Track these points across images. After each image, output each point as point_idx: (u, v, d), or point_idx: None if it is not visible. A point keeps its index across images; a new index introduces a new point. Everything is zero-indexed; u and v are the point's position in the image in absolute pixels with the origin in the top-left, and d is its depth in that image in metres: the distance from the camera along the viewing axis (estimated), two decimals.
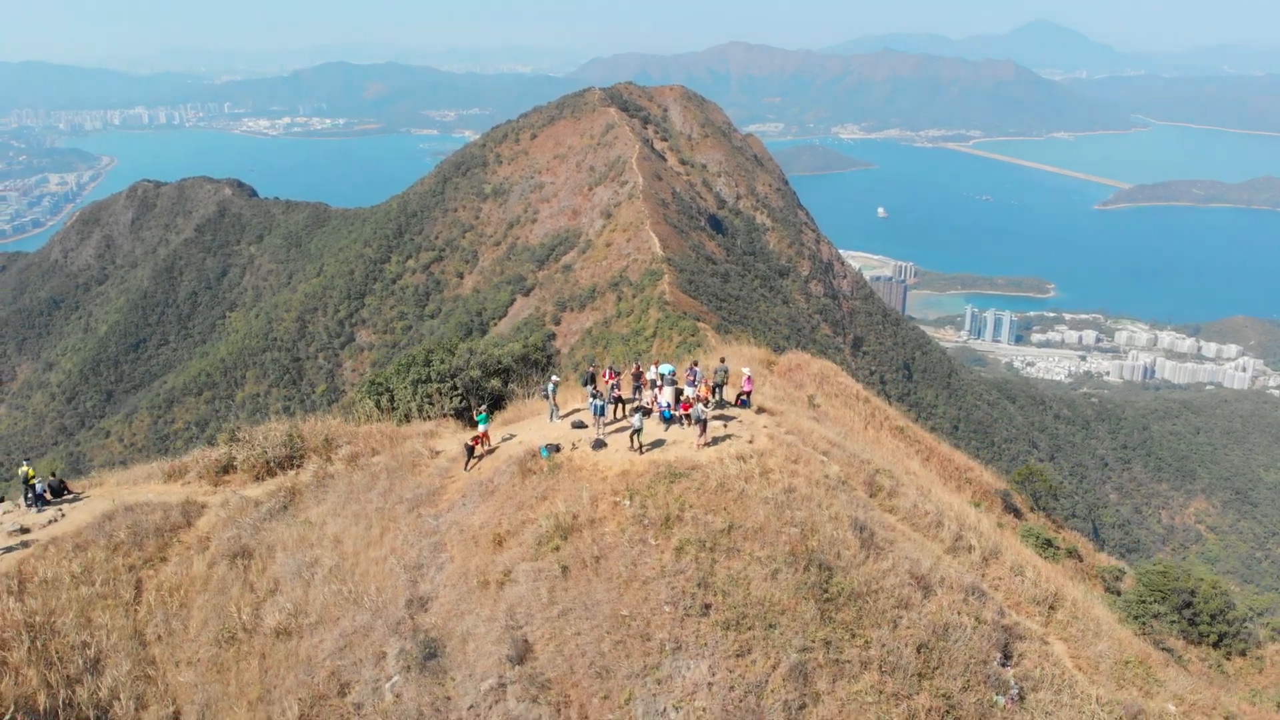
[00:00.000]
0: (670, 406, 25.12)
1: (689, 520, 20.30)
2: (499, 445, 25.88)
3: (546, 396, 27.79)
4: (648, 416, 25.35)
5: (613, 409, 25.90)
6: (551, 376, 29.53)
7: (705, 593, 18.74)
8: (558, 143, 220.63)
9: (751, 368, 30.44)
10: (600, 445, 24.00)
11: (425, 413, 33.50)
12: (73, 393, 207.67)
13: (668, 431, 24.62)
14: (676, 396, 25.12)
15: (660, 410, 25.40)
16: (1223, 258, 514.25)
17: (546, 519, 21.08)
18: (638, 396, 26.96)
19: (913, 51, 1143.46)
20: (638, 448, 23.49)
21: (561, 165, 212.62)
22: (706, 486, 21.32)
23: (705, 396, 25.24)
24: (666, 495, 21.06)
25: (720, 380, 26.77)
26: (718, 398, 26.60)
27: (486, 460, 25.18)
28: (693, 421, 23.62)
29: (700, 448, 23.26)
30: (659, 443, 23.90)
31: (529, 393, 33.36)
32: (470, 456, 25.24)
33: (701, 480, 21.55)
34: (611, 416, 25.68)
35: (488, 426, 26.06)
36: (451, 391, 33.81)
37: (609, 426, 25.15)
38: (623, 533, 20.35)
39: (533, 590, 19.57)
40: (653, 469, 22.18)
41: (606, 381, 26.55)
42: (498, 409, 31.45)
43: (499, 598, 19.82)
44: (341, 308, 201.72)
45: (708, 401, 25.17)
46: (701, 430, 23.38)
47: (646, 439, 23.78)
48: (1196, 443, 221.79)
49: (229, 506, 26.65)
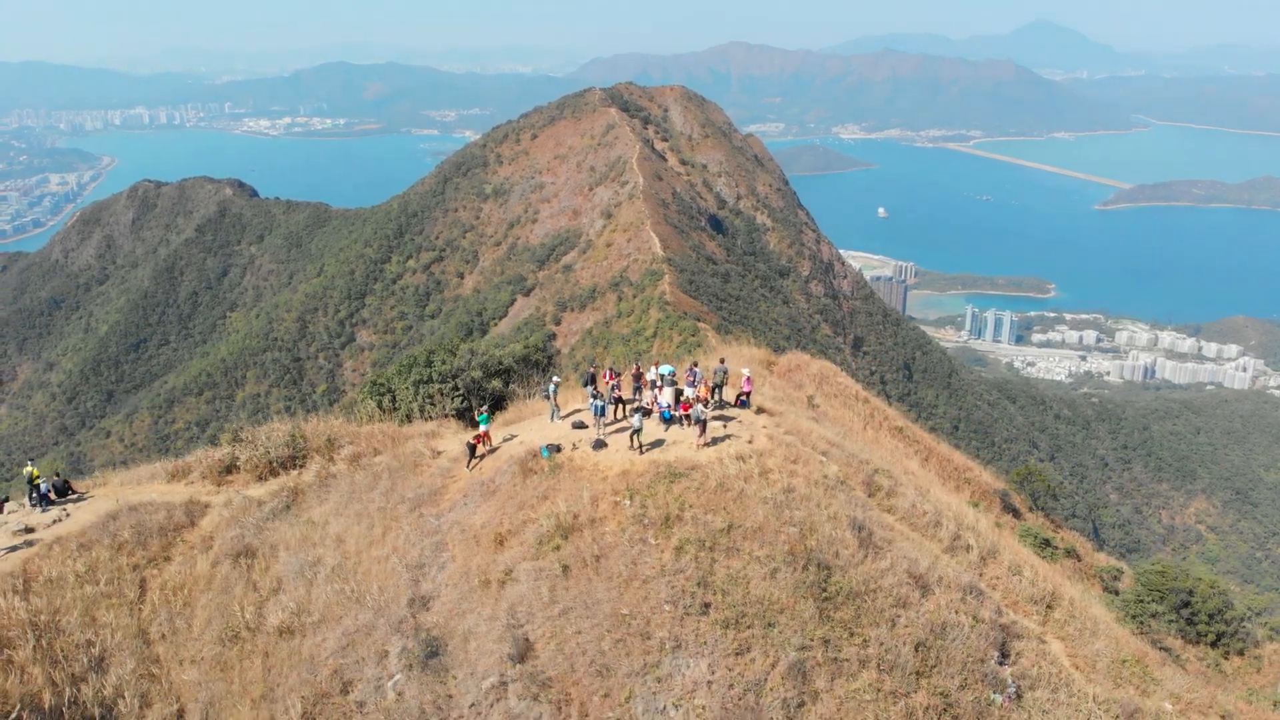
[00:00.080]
0: (670, 407, 25.25)
1: (689, 520, 20.43)
2: (500, 445, 26.04)
3: (548, 397, 27.96)
4: (648, 417, 25.50)
5: (613, 409, 26.04)
6: (553, 377, 29.70)
7: (705, 592, 18.87)
8: (558, 143, 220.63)
9: (751, 368, 30.57)
10: (601, 445, 24.14)
11: (427, 413, 33.66)
12: (73, 393, 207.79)
13: (668, 432, 24.76)
14: (676, 397, 25.26)
15: (660, 411, 25.53)
16: (1223, 258, 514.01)
17: (547, 518, 21.21)
18: (638, 397, 27.10)
19: (913, 51, 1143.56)
20: (638, 448, 23.64)
21: (562, 165, 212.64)
22: (706, 486, 21.45)
23: (705, 397, 25.38)
24: (666, 495, 21.19)
25: (720, 381, 26.89)
26: (717, 398, 26.72)
27: (488, 460, 25.33)
28: (692, 422, 23.76)
29: (700, 448, 23.40)
30: (659, 443, 24.03)
31: (530, 393, 33.50)
32: (473, 455, 25.42)
33: (701, 480, 21.67)
34: (612, 417, 25.82)
35: (489, 426, 26.24)
36: (453, 392, 33.97)
37: (609, 427, 25.29)
38: (623, 532, 20.48)
39: (534, 589, 19.71)
40: (653, 469, 22.30)
41: (607, 382, 26.70)
42: (499, 409, 31.59)
43: (500, 597, 19.96)
44: (342, 308, 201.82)
45: (707, 402, 25.32)
46: (701, 431, 23.51)
47: (646, 439, 23.91)
48: (1197, 443, 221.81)
49: (232, 506, 26.82)
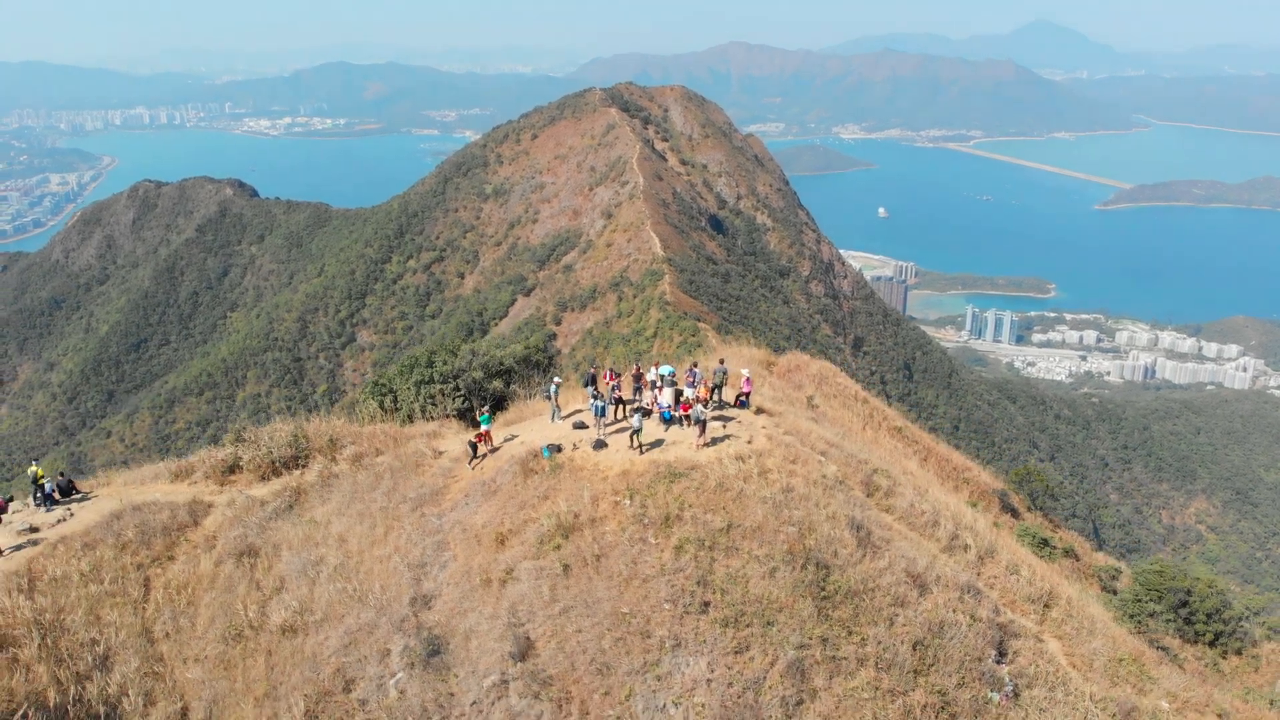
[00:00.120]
0: (670, 407, 25.39)
1: (688, 519, 20.55)
2: (501, 445, 26.20)
3: (548, 397, 28.12)
4: (648, 417, 25.65)
5: (613, 410, 26.19)
6: (553, 378, 29.88)
7: (704, 591, 19.00)
8: (558, 143, 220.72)
9: (750, 369, 30.73)
10: (601, 445, 24.28)
11: (428, 413, 33.81)
12: (74, 393, 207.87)
13: (667, 432, 24.89)
14: (676, 397, 25.40)
15: (660, 411, 25.67)
16: (1223, 258, 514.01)
17: (548, 518, 21.34)
18: (638, 398, 27.25)
19: (913, 51, 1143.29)
20: (638, 448, 23.77)
21: (562, 165, 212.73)
22: (706, 486, 21.57)
23: (704, 397, 25.51)
24: (666, 495, 21.31)
25: (719, 381, 27.01)
26: (717, 399, 26.85)
27: (489, 460, 25.48)
28: (692, 422, 23.89)
29: (699, 448, 23.53)
30: (659, 443, 24.17)
31: (531, 394, 33.64)
32: (474, 454, 25.58)
33: (701, 480, 21.79)
34: (612, 417, 25.96)
35: (490, 426, 26.41)
36: (454, 392, 34.11)
37: (610, 427, 25.43)
38: (623, 532, 20.61)
39: (534, 588, 19.85)
40: (653, 469, 22.43)
41: (607, 383, 26.85)
42: (500, 410, 31.75)
43: (501, 595, 20.10)
44: (342, 308, 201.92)
45: (707, 402, 25.46)
46: (701, 431, 23.65)
47: (646, 439, 24.05)
48: (1197, 443, 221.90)
49: (235, 506, 26.95)
